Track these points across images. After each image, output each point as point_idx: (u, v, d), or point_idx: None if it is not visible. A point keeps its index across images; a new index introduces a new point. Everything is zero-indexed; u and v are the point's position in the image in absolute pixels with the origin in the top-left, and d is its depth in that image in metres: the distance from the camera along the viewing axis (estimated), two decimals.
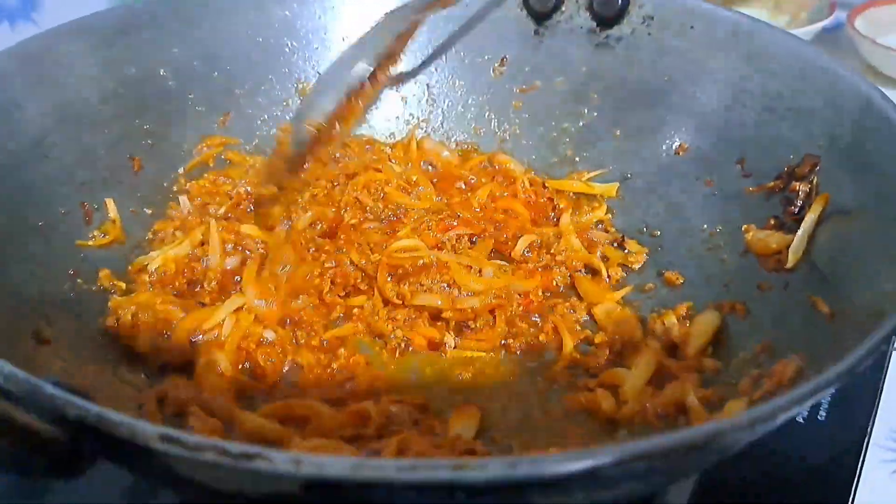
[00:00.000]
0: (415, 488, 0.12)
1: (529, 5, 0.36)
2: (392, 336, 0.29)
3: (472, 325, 0.29)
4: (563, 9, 0.35)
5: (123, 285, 0.28)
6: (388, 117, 0.37)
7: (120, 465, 0.16)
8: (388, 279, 0.29)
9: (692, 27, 0.32)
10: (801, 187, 0.26)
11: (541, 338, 0.29)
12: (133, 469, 0.17)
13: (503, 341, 0.29)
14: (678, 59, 0.32)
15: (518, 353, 0.29)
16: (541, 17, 0.36)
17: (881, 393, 0.31)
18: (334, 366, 0.28)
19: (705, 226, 0.30)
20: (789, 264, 0.26)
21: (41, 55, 0.28)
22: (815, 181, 0.26)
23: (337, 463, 0.12)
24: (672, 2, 0.33)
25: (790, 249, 0.25)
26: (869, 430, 0.29)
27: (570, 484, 0.13)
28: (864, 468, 0.28)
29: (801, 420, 0.29)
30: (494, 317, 0.29)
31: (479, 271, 0.30)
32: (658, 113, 0.33)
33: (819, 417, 0.29)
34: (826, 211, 0.25)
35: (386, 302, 0.29)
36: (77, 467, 0.15)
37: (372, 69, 0.28)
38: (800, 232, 0.25)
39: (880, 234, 0.22)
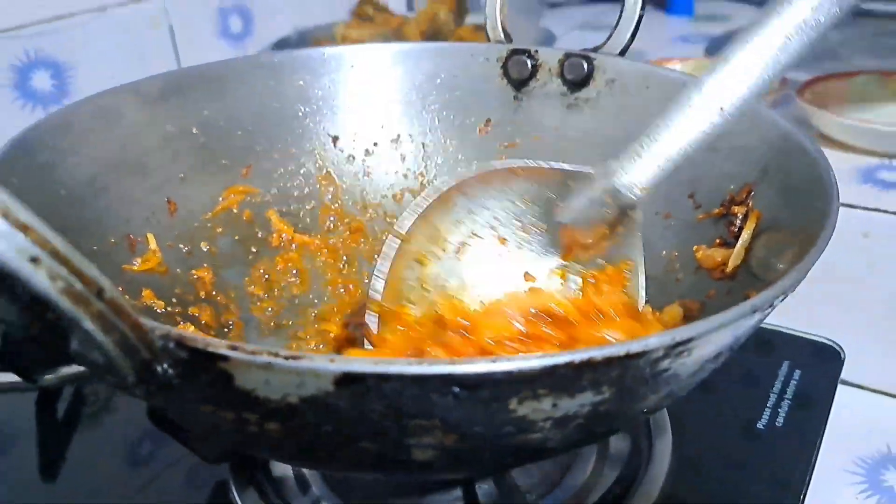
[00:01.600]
0: (418, 381, 0.17)
1: (509, 75, 0.42)
2: None
3: None
4: (538, 77, 0.41)
5: (163, 304, 0.32)
6: (387, 171, 0.42)
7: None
8: None
9: (647, 87, 0.38)
10: (739, 210, 0.31)
11: None
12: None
13: None
14: (637, 114, 0.37)
15: None
16: (519, 85, 0.42)
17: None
18: None
19: (664, 252, 0.35)
20: (728, 270, 0.30)
21: (98, 110, 0.33)
22: (750, 204, 0.31)
23: (361, 361, 0.16)
24: (630, 66, 0.39)
25: (730, 259, 0.30)
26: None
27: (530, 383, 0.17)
28: None
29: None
30: None
31: None
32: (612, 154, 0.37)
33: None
34: (759, 226, 0.30)
35: None
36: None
37: None
38: (738, 244, 0.30)
39: (795, 236, 0.26)
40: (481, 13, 0.45)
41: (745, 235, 0.30)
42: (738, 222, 0.31)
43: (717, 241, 0.32)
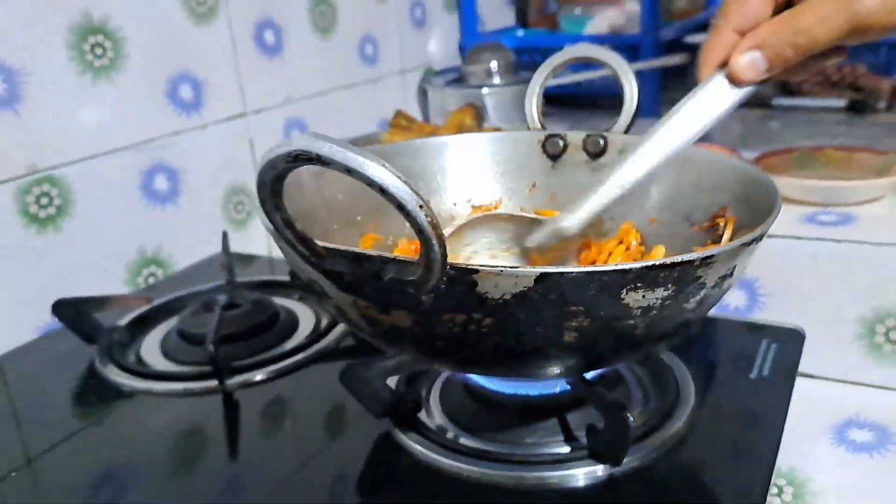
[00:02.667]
0: (577, 278, 0.32)
1: (547, 151, 0.59)
2: None
3: None
4: (568, 151, 0.58)
5: None
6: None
7: None
8: None
9: None
10: (721, 220, 0.48)
11: None
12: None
13: None
14: None
15: None
16: (554, 158, 0.59)
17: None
18: None
19: (674, 253, 0.51)
20: None
21: (292, 179, 0.49)
22: (727, 216, 0.48)
23: (547, 267, 0.32)
24: (634, 140, 0.56)
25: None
26: None
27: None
28: None
29: None
30: None
31: None
32: (635, 203, 0.54)
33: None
34: (734, 227, 0.46)
35: None
36: None
37: None
38: (722, 240, 0.46)
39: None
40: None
41: (726, 235, 0.46)
42: (720, 230, 0.48)
43: (708, 242, 0.49)
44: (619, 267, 0.32)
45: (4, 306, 0.65)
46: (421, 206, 0.29)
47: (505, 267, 0.32)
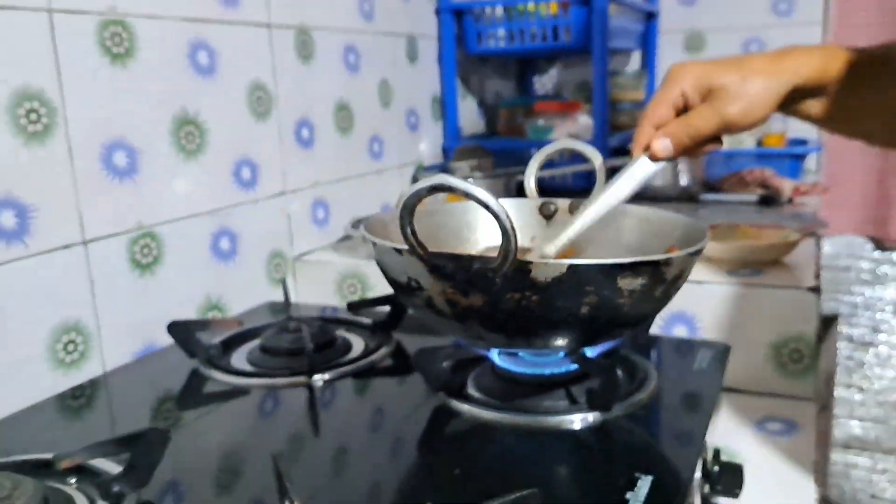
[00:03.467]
0: (593, 268, 0.53)
1: (543, 213, 0.81)
2: None
3: None
4: (558, 213, 0.80)
5: None
6: None
7: None
8: None
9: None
10: (669, 251, 0.70)
11: None
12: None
13: None
14: (607, 224, 0.77)
15: None
16: (548, 218, 0.81)
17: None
18: None
19: None
20: None
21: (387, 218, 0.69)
22: (675, 249, 0.70)
23: (576, 260, 0.53)
24: None
25: None
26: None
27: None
28: None
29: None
30: None
31: None
32: (611, 248, 0.75)
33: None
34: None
35: None
36: None
37: None
38: None
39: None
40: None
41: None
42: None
43: None
44: (616, 261, 0.53)
45: (112, 332, 0.81)
46: (507, 216, 0.50)
47: (550, 260, 0.52)
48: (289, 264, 1.08)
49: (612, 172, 0.68)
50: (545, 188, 0.80)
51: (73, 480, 0.54)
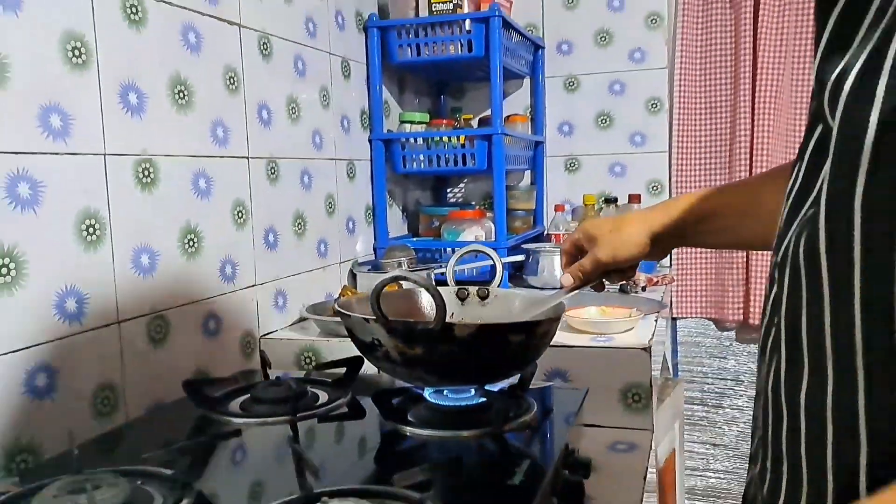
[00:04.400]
0: (499, 327, 0.86)
1: (458, 297, 1.14)
2: None
3: None
4: (469, 296, 1.14)
5: None
6: None
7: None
8: None
9: (508, 299, 1.12)
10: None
11: None
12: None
13: None
14: (505, 307, 1.11)
15: None
16: (462, 299, 1.14)
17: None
18: None
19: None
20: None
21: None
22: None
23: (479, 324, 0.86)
24: (502, 292, 1.13)
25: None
26: None
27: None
28: None
29: None
30: None
31: None
32: None
33: None
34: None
35: None
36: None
37: None
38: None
39: None
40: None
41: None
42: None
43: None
44: (506, 322, 0.87)
45: (135, 391, 1.07)
46: (440, 296, 0.83)
47: (464, 322, 0.85)
48: (256, 341, 1.37)
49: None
50: (457, 279, 1.14)
51: (139, 482, 0.80)
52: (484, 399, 0.98)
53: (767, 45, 1.90)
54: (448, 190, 2.28)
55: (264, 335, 1.38)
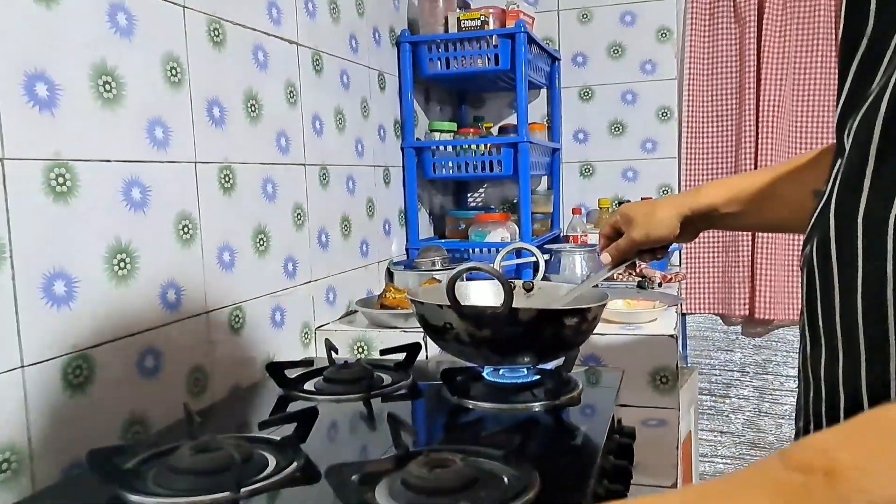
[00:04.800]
0: (555, 312, 0.99)
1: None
2: None
3: None
4: (515, 290, 1.27)
5: None
6: None
7: None
8: None
9: (554, 288, 1.25)
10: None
11: None
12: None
13: None
14: (551, 296, 1.24)
15: None
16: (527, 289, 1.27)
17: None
18: None
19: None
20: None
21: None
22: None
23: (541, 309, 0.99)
24: (549, 284, 1.26)
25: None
26: None
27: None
28: None
29: None
30: None
31: None
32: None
33: None
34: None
35: None
36: None
37: None
38: None
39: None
40: None
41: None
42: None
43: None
44: (563, 307, 1.00)
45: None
46: (508, 283, 0.96)
47: (529, 308, 0.98)
48: (312, 332, 1.49)
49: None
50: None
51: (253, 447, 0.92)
52: (537, 377, 1.10)
53: (771, 57, 2.05)
54: (469, 195, 2.41)
55: (319, 327, 1.51)
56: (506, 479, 0.77)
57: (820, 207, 0.55)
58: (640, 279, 1.90)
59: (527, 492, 0.74)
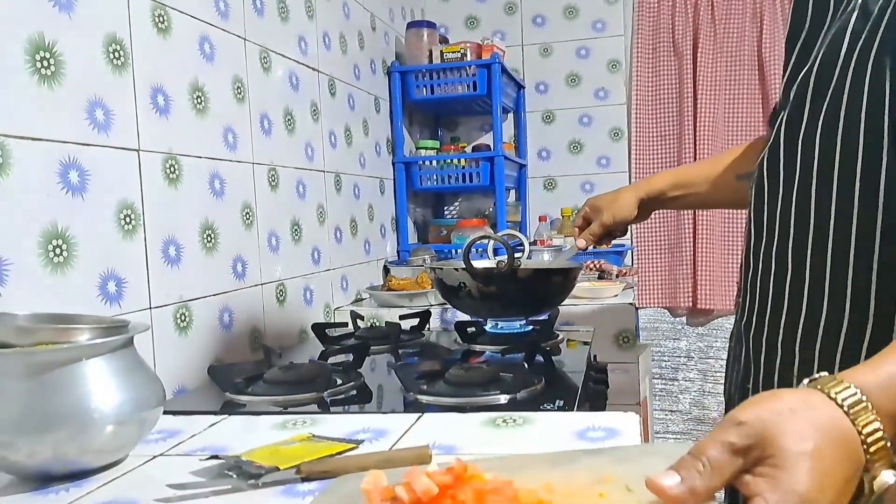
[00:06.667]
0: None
1: (497, 265, 1.58)
2: None
3: None
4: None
5: None
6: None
7: None
8: None
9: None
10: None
11: None
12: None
13: None
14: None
15: None
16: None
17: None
18: None
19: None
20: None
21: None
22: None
23: None
24: (533, 262, 1.57)
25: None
26: None
27: None
28: None
29: None
30: None
31: None
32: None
33: None
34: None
35: None
36: None
37: None
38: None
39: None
40: None
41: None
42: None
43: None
44: (551, 267, 1.30)
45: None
46: (510, 247, 1.26)
47: (527, 267, 1.28)
48: (332, 311, 1.76)
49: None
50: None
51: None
52: (529, 328, 1.40)
53: (705, 84, 2.43)
54: (446, 207, 2.72)
55: (337, 308, 1.78)
56: (520, 377, 1.06)
57: (771, 139, 0.73)
58: (600, 272, 2.22)
59: (536, 384, 1.03)
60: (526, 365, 1.16)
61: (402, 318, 1.55)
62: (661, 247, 2.51)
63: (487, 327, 1.42)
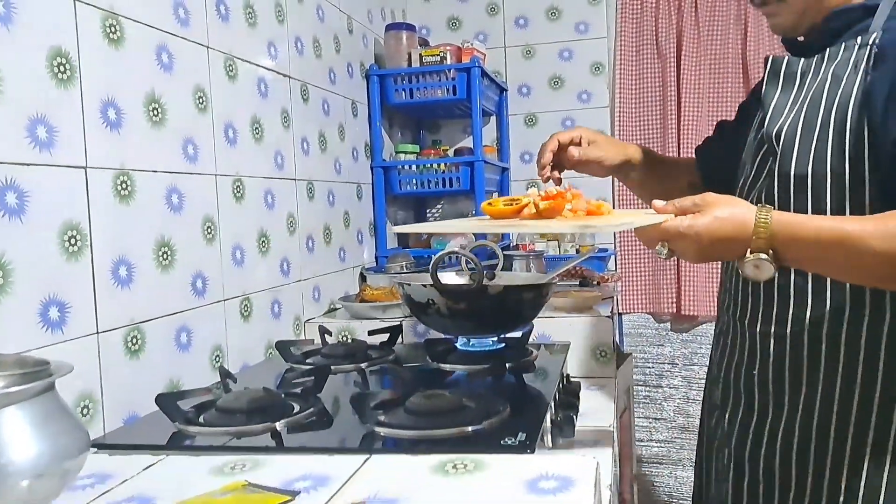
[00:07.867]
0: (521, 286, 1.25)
1: (471, 278, 1.54)
2: None
3: None
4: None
5: None
6: None
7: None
8: None
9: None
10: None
11: None
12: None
13: None
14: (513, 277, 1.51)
15: None
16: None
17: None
18: None
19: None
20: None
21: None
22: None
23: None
24: (505, 274, 1.53)
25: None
26: None
27: None
28: None
29: None
30: None
31: None
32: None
33: None
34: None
35: None
36: None
37: None
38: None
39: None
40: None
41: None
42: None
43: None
44: (523, 283, 1.26)
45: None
46: (479, 263, 1.22)
47: (496, 284, 1.24)
48: (302, 323, 1.72)
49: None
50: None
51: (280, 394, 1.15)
52: (502, 345, 1.36)
53: (688, 88, 2.38)
54: (428, 211, 2.67)
55: (308, 319, 1.73)
56: (484, 405, 1.02)
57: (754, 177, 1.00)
58: (581, 279, 2.18)
59: (501, 412, 0.99)
60: (492, 389, 1.12)
61: (371, 333, 1.51)
62: (644, 251, 2.48)
63: (458, 344, 1.38)
